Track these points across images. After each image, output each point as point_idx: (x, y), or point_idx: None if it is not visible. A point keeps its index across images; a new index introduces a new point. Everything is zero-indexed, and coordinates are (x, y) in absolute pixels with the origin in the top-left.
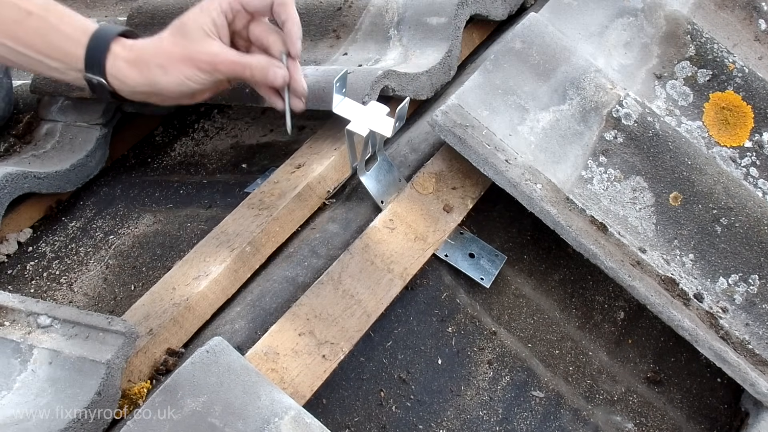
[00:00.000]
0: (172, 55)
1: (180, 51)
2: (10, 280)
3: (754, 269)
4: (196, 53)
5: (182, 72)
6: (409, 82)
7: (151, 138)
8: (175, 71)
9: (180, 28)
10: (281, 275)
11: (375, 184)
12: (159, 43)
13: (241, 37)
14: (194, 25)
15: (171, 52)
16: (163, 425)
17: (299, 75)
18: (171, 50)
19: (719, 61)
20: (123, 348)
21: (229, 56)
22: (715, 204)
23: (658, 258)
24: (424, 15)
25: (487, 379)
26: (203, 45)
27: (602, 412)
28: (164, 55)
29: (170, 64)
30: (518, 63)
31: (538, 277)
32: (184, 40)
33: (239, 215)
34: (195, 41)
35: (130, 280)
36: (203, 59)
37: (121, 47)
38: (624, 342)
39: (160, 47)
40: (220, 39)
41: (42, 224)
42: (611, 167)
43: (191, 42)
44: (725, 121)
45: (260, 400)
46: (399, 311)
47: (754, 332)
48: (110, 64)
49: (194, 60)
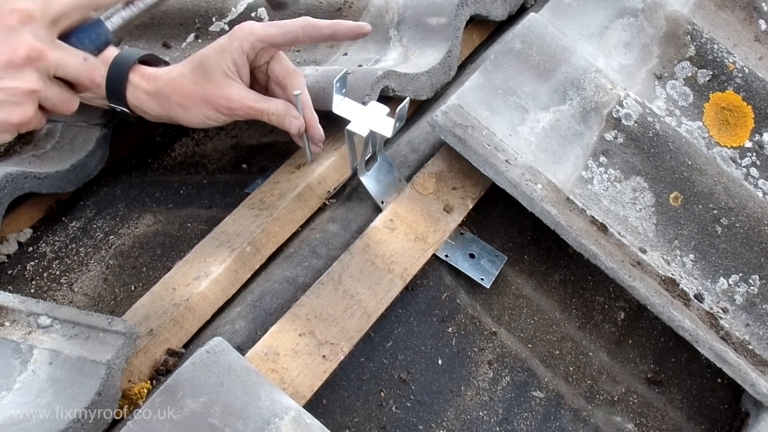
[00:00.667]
0: (192, 95)
1: (200, 92)
2: (10, 280)
3: (755, 269)
4: (216, 96)
5: (202, 112)
6: (409, 83)
7: (151, 138)
8: (195, 110)
9: (201, 66)
10: (281, 275)
11: (375, 185)
12: (180, 80)
13: (261, 71)
14: (214, 66)
15: (191, 92)
16: (163, 425)
17: (316, 122)
18: (191, 90)
19: (719, 62)
20: (123, 348)
21: (248, 102)
22: (715, 204)
23: (658, 258)
24: (424, 15)
25: (488, 380)
26: (223, 88)
27: (602, 412)
28: (184, 95)
29: (190, 103)
30: (518, 63)
31: (539, 277)
32: (204, 81)
33: (239, 215)
34: (214, 82)
35: (130, 281)
36: (222, 103)
37: (140, 77)
38: (624, 342)
39: (180, 85)
40: (240, 79)
41: (42, 224)
42: (611, 167)
43: (211, 83)
44: (725, 121)
45: (260, 400)
46: (399, 311)
47: (754, 332)
48: (130, 95)
49: (213, 103)
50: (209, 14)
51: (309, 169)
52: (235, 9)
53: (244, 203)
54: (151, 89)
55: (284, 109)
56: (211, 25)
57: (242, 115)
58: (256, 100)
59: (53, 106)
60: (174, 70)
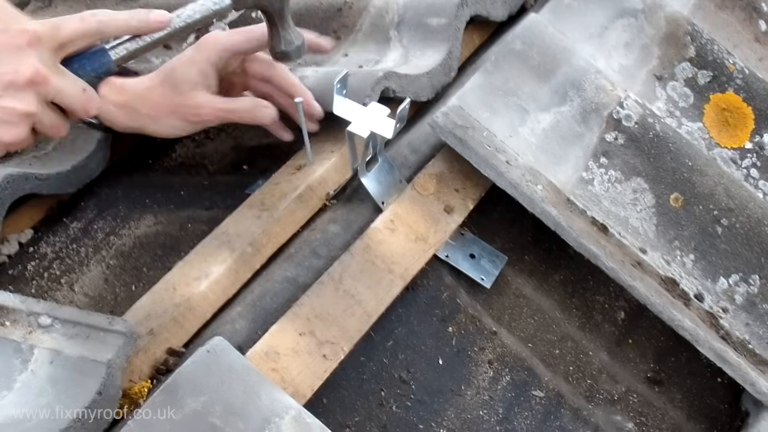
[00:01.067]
0: (160, 106)
1: (168, 103)
2: (11, 280)
3: (755, 269)
4: (184, 107)
5: (171, 123)
6: (410, 84)
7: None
8: (164, 121)
9: (169, 78)
10: (282, 275)
11: (376, 185)
12: (148, 93)
13: (236, 75)
14: (182, 78)
15: (159, 104)
16: (164, 425)
17: (311, 98)
18: (159, 101)
19: (719, 62)
20: (124, 348)
21: (216, 105)
22: (715, 205)
23: (658, 258)
24: (425, 16)
25: (488, 379)
26: (190, 97)
27: (602, 411)
28: (153, 106)
29: (159, 114)
30: (519, 64)
31: (539, 277)
32: (172, 93)
33: (240, 216)
34: (183, 94)
35: (130, 281)
36: (190, 112)
37: (110, 89)
38: (624, 342)
39: (148, 98)
40: (208, 88)
41: (43, 225)
42: (612, 168)
43: (179, 95)
44: (725, 122)
45: (261, 399)
46: (400, 311)
47: (754, 332)
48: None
49: (181, 112)
50: None
51: (310, 170)
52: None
53: (245, 204)
54: (120, 101)
55: (252, 103)
56: (211, 26)
57: (212, 120)
58: (223, 102)
59: (44, 129)
60: (143, 82)
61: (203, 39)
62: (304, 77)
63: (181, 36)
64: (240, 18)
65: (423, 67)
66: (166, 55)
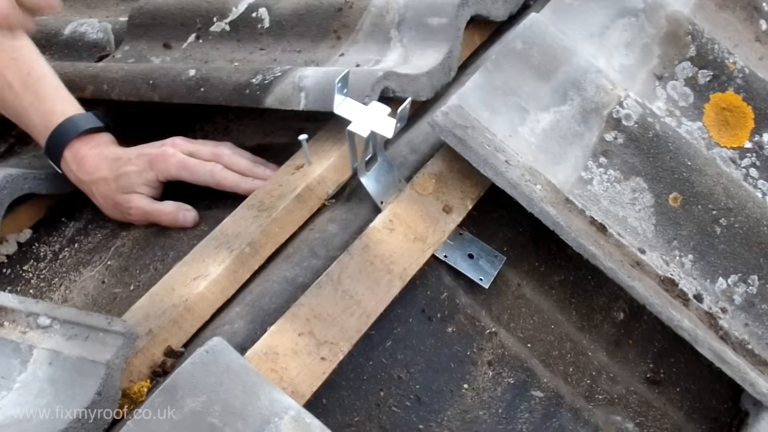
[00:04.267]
0: (107, 198)
1: (114, 198)
2: (9, 280)
3: (754, 270)
4: (120, 204)
5: (112, 212)
6: (410, 83)
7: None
8: (107, 208)
9: (121, 179)
10: (281, 276)
11: (375, 185)
12: (102, 184)
13: None
14: (130, 185)
15: (107, 196)
16: (163, 425)
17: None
18: (108, 194)
19: (720, 62)
20: (123, 348)
21: (143, 208)
22: (714, 205)
23: (657, 259)
24: (425, 16)
25: (487, 379)
26: (126, 199)
27: (602, 412)
28: (102, 195)
29: (104, 202)
30: (519, 63)
31: (538, 277)
32: (119, 192)
33: (239, 216)
34: (127, 196)
35: (129, 281)
36: (126, 210)
37: (73, 157)
38: (623, 342)
39: (101, 187)
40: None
41: (42, 225)
42: (611, 168)
43: (123, 195)
44: (725, 121)
45: (260, 399)
46: (399, 311)
47: (753, 332)
48: (63, 165)
49: (120, 208)
50: (210, 14)
51: (308, 170)
52: (236, 9)
53: (244, 204)
54: (76, 179)
55: (175, 207)
56: (212, 26)
57: (139, 220)
58: (148, 205)
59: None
60: (100, 169)
61: (158, 155)
62: (304, 77)
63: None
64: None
65: (423, 67)
66: (166, 54)
